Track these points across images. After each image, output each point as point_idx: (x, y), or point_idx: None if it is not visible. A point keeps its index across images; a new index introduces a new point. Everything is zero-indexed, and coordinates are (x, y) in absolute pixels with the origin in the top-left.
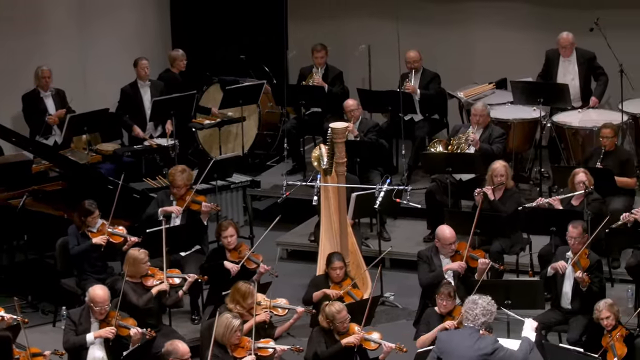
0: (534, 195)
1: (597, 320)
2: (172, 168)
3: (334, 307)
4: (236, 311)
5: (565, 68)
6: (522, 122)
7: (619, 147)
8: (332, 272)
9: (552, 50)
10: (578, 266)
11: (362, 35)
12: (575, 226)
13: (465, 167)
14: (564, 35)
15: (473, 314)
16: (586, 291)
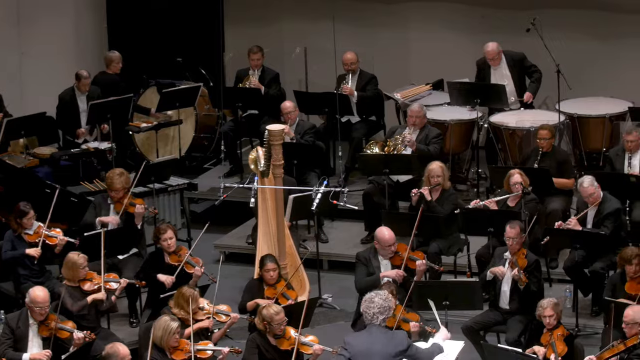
0: (472, 196)
1: (539, 318)
2: (110, 171)
3: (272, 309)
4: (180, 316)
5: (498, 76)
6: (458, 123)
7: (557, 148)
8: (265, 274)
9: (481, 59)
10: (515, 265)
11: (299, 37)
12: (513, 226)
13: (402, 168)
14: (489, 48)
15: (371, 313)
16: (524, 291)
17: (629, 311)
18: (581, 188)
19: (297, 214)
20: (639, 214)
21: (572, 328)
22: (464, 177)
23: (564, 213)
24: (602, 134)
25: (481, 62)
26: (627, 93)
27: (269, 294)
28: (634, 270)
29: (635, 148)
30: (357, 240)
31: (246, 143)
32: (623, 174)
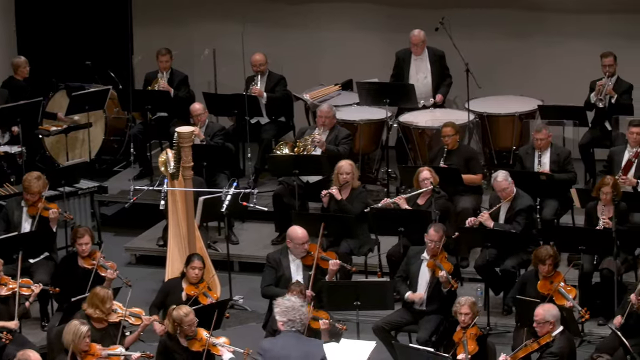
0: (382, 196)
1: (455, 314)
2: (27, 174)
3: (182, 310)
4: (96, 315)
5: (418, 66)
6: (368, 123)
7: (463, 145)
8: (190, 271)
9: (402, 50)
10: (440, 268)
11: (208, 39)
12: (437, 230)
13: (312, 168)
14: (415, 33)
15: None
16: (447, 293)
17: (539, 310)
18: (495, 182)
19: (207, 215)
20: (549, 212)
21: (484, 327)
22: (373, 177)
23: (475, 211)
24: (512, 132)
25: (401, 53)
26: (536, 91)
27: (189, 292)
28: (546, 270)
29: (545, 146)
30: (268, 241)
31: (156, 145)
32: (533, 172)
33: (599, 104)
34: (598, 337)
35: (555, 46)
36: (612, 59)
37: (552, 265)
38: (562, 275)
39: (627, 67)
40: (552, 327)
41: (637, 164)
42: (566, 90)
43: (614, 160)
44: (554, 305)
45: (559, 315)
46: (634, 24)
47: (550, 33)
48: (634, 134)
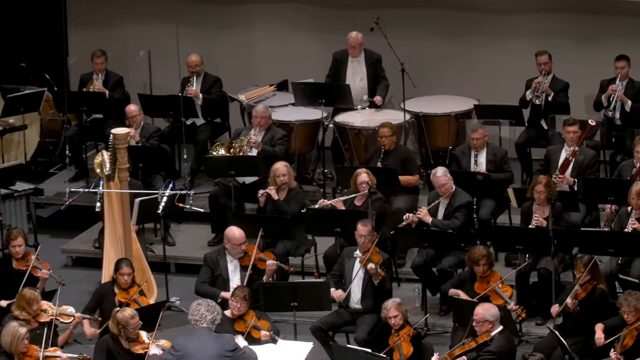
0: (318, 197)
1: (385, 319)
2: None
3: (127, 313)
4: (22, 317)
5: (354, 68)
6: (304, 123)
7: (399, 146)
8: (119, 277)
9: (339, 51)
10: (370, 261)
11: (143, 40)
12: (365, 224)
13: (248, 169)
14: (352, 35)
15: (199, 314)
16: (379, 287)
17: (479, 309)
18: (434, 178)
19: (143, 217)
20: (486, 212)
21: (421, 327)
22: (310, 177)
23: (410, 211)
24: (448, 132)
25: (339, 54)
26: (472, 91)
27: (120, 298)
28: (481, 271)
29: (481, 146)
30: (204, 242)
31: (91, 147)
32: (470, 172)
33: (536, 100)
34: (536, 337)
35: (490, 45)
36: (547, 57)
37: (487, 266)
38: (498, 274)
39: (563, 65)
40: (492, 326)
41: (574, 163)
42: (502, 90)
43: (550, 160)
44: (493, 305)
45: (498, 314)
46: (567, 22)
47: (486, 32)
48: (570, 133)
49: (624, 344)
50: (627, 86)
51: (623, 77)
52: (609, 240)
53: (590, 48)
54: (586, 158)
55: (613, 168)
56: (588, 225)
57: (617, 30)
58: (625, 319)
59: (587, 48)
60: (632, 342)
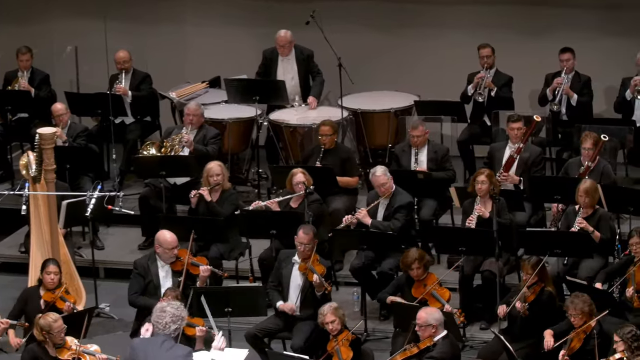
0: (253, 198)
1: (322, 325)
2: None
3: (50, 317)
4: None
5: (285, 67)
6: (237, 121)
7: (339, 145)
8: (46, 276)
9: (269, 49)
10: (313, 271)
11: (69, 37)
12: (307, 232)
13: (180, 170)
14: (281, 34)
15: (163, 322)
16: (320, 297)
17: (422, 313)
18: (373, 177)
19: (71, 220)
20: (427, 212)
21: (361, 332)
22: (244, 177)
23: (348, 213)
24: (387, 129)
25: (269, 52)
26: (412, 87)
27: (46, 298)
28: (416, 274)
29: (422, 143)
30: (134, 246)
31: (17, 148)
32: (410, 171)
33: (479, 97)
34: (481, 342)
35: (431, 39)
36: (489, 50)
37: (421, 269)
38: (435, 277)
39: (506, 58)
40: (435, 331)
41: (518, 160)
42: (443, 85)
43: (494, 157)
44: (437, 309)
45: (442, 319)
46: (510, 14)
47: (426, 25)
48: (515, 129)
49: (571, 346)
50: (572, 79)
51: (568, 70)
52: (556, 240)
53: (534, 41)
54: (531, 155)
55: (559, 165)
56: (534, 225)
57: (561, 21)
58: (572, 321)
59: (531, 41)
60: (579, 344)
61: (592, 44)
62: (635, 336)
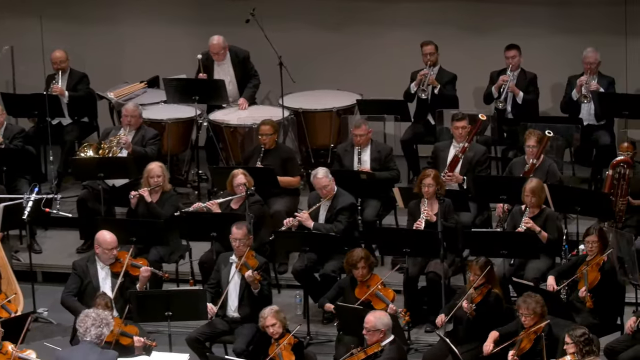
0: (193, 199)
1: (263, 329)
2: None
3: None
4: None
5: (221, 72)
6: (176, 122)
7: (280, 145)
8: None
9: (204, 54)
10: (246, 267)
11: (4, 36)
12: (240, 227)
13: (118, 171)
14: (214, 42)
15: (84, 327)
16: (258, 295)
17: (370, 317)
18: (315, 179)
19: (7, 223)
20: (371, 213)
21: (304, 336)
22: (183, 179)
23: (290, 214)
24: (330, 129)
25: (204, 59)
26: (355, 85)
27: None
28: (361, 274)
29: (365, 143)
30: (73, 249)
31: None
32: (353, 171)
33: (422, 94)
34: (426, 345)
35: (373, 37)
36: (432, 47)
37: (367, 269)
38: (378, 277)
39: (450, 56)
40: (383, 335)
41: (463, 160)
42: (386, 84)
43: (438, 157)
44: (385, 313)
45: (390, 323)
46: (454, 11)
47: (368, 23)
48: (459, 128)
49: (521, 347)
50: (518, 77)
51: (514, 68)
52: (502, 241)
53: (478, 37)
54: (476, 154)
55: (505, 165)
56: (479, 226)
57: (507, 18)
58: (523, 322)
59: (476, 37)
60: (529, 345)
61: (539, 41)
62: (587, 339)
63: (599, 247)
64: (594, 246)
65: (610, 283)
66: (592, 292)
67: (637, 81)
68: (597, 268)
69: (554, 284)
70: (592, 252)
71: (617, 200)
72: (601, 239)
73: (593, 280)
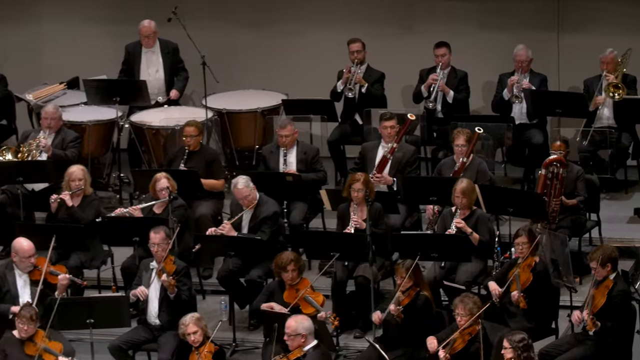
0: (115, 203)
1: (183, 336)
2: None
3: None
4: None
5: (149, 60)
6: (97, 124)
7: (204, 147)
8: None
9: (132, 43)
10: (163, 271)
11: None
12: (157, 232)
13: (38, 175)
14: (145, 24)
15: None
16: (175, 301)
17: (291, 322)
18: (235, 190)
19: None
20: (298, 216)
21: (229, 343)
22: (105, 182)
23: (215, 218)
24: (254, 130)
25: (131, 47)
26: (280, 85)
27: None
28: (290, 278)
29: (291, 144)
30: None
31: None
32: (279, 173)
33: (348, 93)
34: (355, 351)
35: (299, 35)
36: (359, 45)
37: (296, 272)
38: (308, 281)
39: (377, 53)
40: (304, 340)
41: (392, 160)
42: (312, 83)
43: (366, 157)
44: (307, 317)
45: (312, 327)
46: (382, 7)
47: (294, 21)
48: (388, 128)
49: (454, 346)
50: (448, 75)
51: (444, 66)
52: (432, 243)
53: (407, 35)
54: (405, 155)
55: (435, 165)
56: (409, 228)
57: (435, 14)
58: (458, 321)
59: (404, 35)
60: (462, 345)
61: (469, 38)
62: (526, 345)
63: (529, 248)
64: (524, 247)
65: (543, 284)
66: (525, 293)
67: (570, 78)
68: (529, 269)
69: (497, 288)
70: (523, 254)
71: (550, 201)
72: (531, 239)
73: (525, 282)
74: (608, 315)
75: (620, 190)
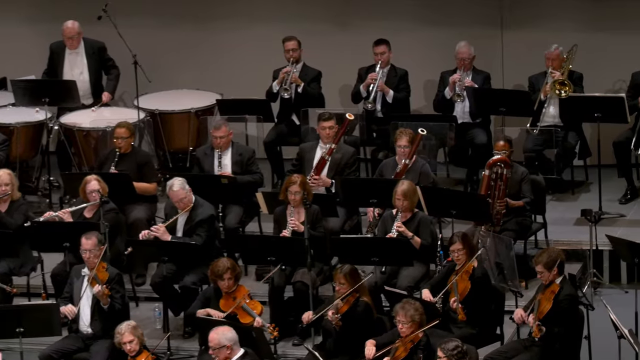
0: (44, 208)
1: (119, 345)
2: None
3: None
4: None
5: (72, 61)
6: (25, 126)
7: (136, 149)
8: None
9: (56, 42)
10: (96, 280)
11: None
12: (89, 237)
13: None
14: (68, 25)
15: None
16: (108, 310)
17: (213, 335)
18: (170, 192)
19: None
20: (233, 219)
21: (164, 352)
22: (33, 186)
23: (149, 222)
24: (188, 131)
25: (55, 46)
26: (215, 84)
27: None
28: (227, 286)
29: (226, 145)
30: None
31: None
32: (214, 175)
33: (284, 94)
34: (293, 359)
35: (233, 33)
36: (295, 43)
37: (233, 280)
38: (245, 289)
39: (314, 52)
40: (230, 351)
41: (330, 162)
42: (248, 82)
43: (304, 159)
44: (229, 328)
45: (236, 337)
46: (318, 4)
47: (229, 19)
48: (326, 129)
49: (396, 355)
50: (388, 74)
51: (384, 64)
52: (373, 247)
53: (345, 32)
54: (344, 156)
55: (375, 166)
56: (348, 232)
57: (374, 11)
58: (400, 329)
59: (342, 32)
60: (404, 354)
61: (409, 35)
62: (460, 353)
63: (466, 254)
64: (460, 254)
65: (483, 291)
66: (465, 302)
67: (514, 76)
68: (467, 276)
69: (430, 296)
70: (460, 261)
71: (494, 203)
72: (466, 245)
73: (463, 290)
74: (555, 320)
75: (567, 191)
